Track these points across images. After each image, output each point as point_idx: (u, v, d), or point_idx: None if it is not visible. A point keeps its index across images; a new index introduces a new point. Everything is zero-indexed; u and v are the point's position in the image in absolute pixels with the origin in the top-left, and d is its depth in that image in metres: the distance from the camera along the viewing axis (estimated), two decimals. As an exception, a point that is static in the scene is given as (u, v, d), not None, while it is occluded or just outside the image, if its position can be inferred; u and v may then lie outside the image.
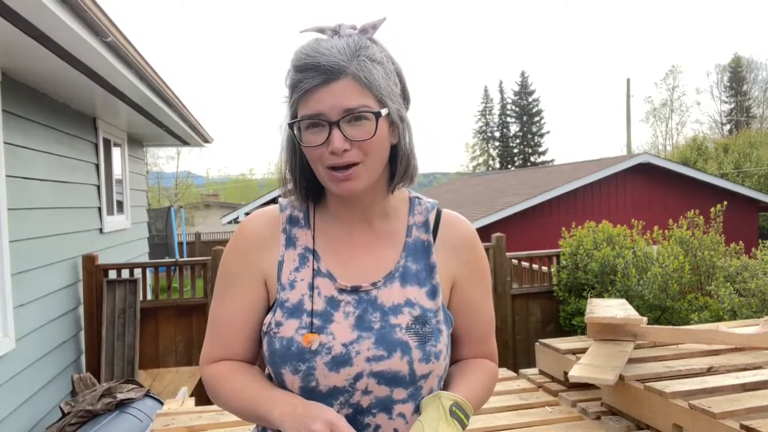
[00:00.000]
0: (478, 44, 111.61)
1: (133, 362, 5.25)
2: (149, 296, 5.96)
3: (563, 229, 6.97)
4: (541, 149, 48.84)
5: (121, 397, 3.95)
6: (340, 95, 0.98)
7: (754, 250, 5.77)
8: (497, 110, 51.42)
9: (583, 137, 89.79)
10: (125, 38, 3.87)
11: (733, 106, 43.05)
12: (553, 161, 46.66)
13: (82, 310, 5.30)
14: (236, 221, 15.87)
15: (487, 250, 5.92)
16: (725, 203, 6.41)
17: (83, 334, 5.28)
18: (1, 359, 3.64)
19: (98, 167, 5.98)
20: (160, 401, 4.11)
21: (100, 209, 5.98)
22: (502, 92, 51.21)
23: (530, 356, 5.58)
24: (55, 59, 3.60)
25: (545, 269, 6.59)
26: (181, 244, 17.71)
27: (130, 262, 6.60)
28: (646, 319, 3.29)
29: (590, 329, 3.30)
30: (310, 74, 0.99)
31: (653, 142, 44.34)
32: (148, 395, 4.13)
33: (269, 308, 1.10)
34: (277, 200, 1.19)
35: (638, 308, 5.38)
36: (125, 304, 5.34)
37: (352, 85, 0.99)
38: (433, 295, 1.09)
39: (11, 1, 2.65)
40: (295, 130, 1.04)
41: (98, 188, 5.98)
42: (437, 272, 1.11)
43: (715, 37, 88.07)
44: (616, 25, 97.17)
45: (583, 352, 3.14)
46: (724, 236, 6.07)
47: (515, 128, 49.96)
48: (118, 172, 6.91)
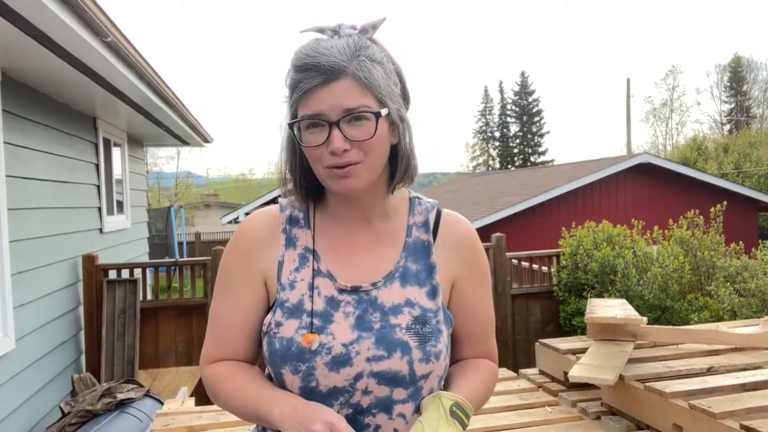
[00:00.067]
0: (478, 44, 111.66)
1: (133, 362, 5.25)
2: (149, 296, 5.96)
3: (563, 229, 6.97)
4: (541, 149, 48.84)
5: (121, 397, 3.95)
6: (340, 95, 0.98)
7: (754, 250, 5.77)
8: (497, 110, 51.47)
9: (583, 137, 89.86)
10: (125, 38, 3.87)
11: (733, 106, 43.04)
12: (553, 161, 46.66)
13: (82, 310, 5.30)
14: (236, 221, 15.87)
15: (487, 250, 5.92)
16: (725, 203, 6.41)
17: (83, 334, 5.29)
18: (1, 359, 3.64)
19: (98, 167, 5.99)
20: (160, 401, 4.11)
21: (100, 209, 5.99)
22: (502, 92, 51.25)
23: (530, 356, 5.58)
24: (55, 59, 3.60)
25: (545, 269, 6.59)
26: (181, 244, 17.70)
27: (130, 262, 6.60)
28: (646, 319, 3.29)
29: (590, 329, 3.30)
30: (310, 74, 0.98)
31: (653, 142, 44.38)
32: (148, 395, 4.13)
33: (269, 308, 1.10)
34: (277, 200, 1.19)
35: (638, 308, 5.38)
36: (125, 304, 5.34)
37: (352, 85, 0.98)
38: (433, 295, 1.09)
39: (11, 0, 2.65)
40: (295, 130, 1.04)
41: (98, 188, 5.98)
42: (437, 272, 1.11)
43: (715, 37, 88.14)
44: (616, 25, 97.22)
45: (583, 352, 3.14)
46: (724, 236, 6.06)
47: (515, 128, 49.97)
48: (118, 172, 6.91)
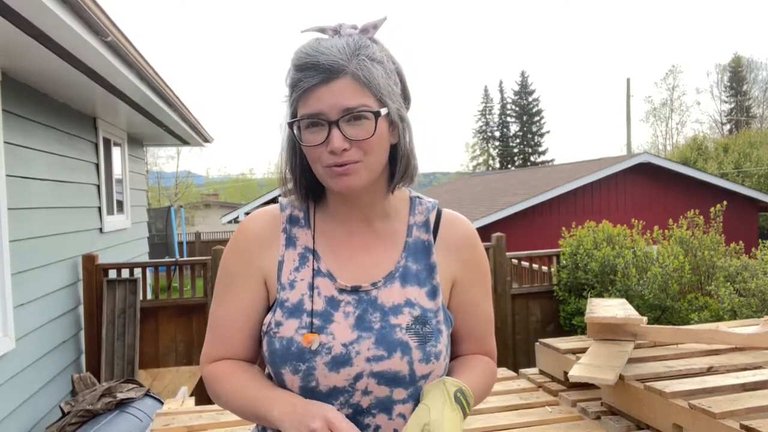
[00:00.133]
0: (478, 44, 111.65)
1: (133, 362, 5.25)
2: (149, 296, 5.95)
3: (563, 228, 6.97)
4: (541, 149, 48.83)
5: (121, 396, 3.95)
6: (339, 94, 0.98)
7: (754, 250, 5.77)
8: (497, 110, 51.45)
9: (583, 137, 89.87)
10: (125, 38, 3.87)
11: (733, 105, 43.04)
12: (553, 161, 46.65)
13: (82, 309, 5.30)
14: (236, 221, 15.87)
15: (487, 249, 5.92)
16: (725, 203, 6.41)
17: (83, 333, 5.29)
18: (1, 359, 3.64)
19: (98, 167, 5.99)
20: (160, 401, 4.11)
21: (100, 209, 5.99)
22: (502, 92, 51.22)
23: (530, 356, 5.57)
24: (55, 59, 3.60)
25: (545, 269, 6.59)
26: (181, 243, 17.70)
27: (130, 261, 6.60)
28: (646, 318, 3.28)
29: (590, 329, 3.30)
30: (309, 73, 0.98)
31: (653, 141, 44.38)
32: (148, 395, 4.13)
33: (269, 308, 1.10)
34: (277, 200, 1.19)
35: (638, 308, 5.38)
36: (125, 303, 5.34)
37: (351, 84, 0.98)
38: (433, 295, 1.09)
39: (11, 0, 2.65)
40: (294, 129, 1.04)
41: (98, 188, 5.98)
42: (437, 272, 1.11)
43: (715, 37, 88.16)
44: (616, 25, 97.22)
45: (583, 352, 3.14)
46: (724, 236, 6.06)
47: (515, 128, 49.96)
48: (118, 171, 6.92)
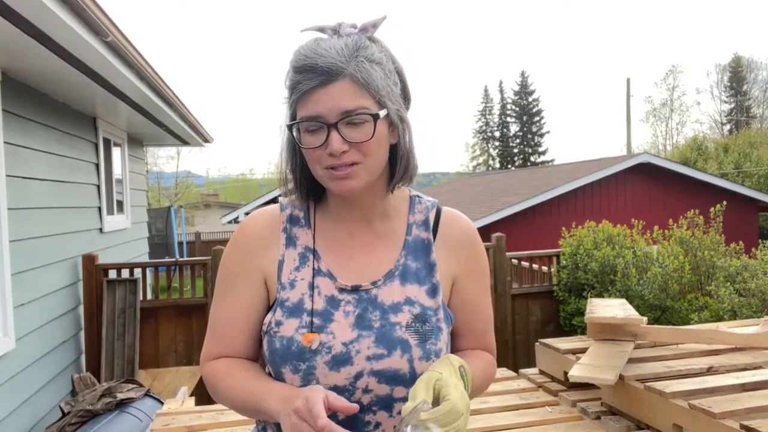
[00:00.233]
0: (478, 44, 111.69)
1: (133, 362, 5.25)
2: (149, 296, 5.96)
3: (563, 229, 6.97)
4: (541, 149, 48.83)
5: (121, 396, 3.95)
6: (337, 97, 0.98)
7: (754, 250, 5.77)
8: (497, 110, 51.46)
9: (583, 137, 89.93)
10: (125, 38, 3.87)
11: (733, 106, 43.04)
12: (553, 161, 46.65)
13: (82, 309, 5.30)
14: (236, 221, 15.87)
15: (487, 249, 5.91)
16: (725, 203, 6.41)
17: (83, 333, 5.29)
18: (1, 359, 3.64)
19: (98, 167, 5.99)
20: (160, 401, 4.11)
21: (100, 209, 5.99)
22: (502, 92, 51.24)
23: (530, 356, 5.57)
24: (55, 59, 3.60)
25: (545, 269, 6.59)
26: (181, 243, 17.70)
27: (130, 261, 6.60)
28: (646, 319, 3.28)
29: (590, 329, 3.30)
30: (308, 75, 0.98)
31: (653, 141, 44.39)
32: (148, 395, 4.13)
33: (269, 308, 1.10)
34: (277, 200, 1.19)
35: (638, 308, 5.38)
36: (125, 303, 5.34)
37: (350, 86, 0.98)
38: (433, 293, 1.09)
39: (11, 0, 2.65)
40: (294, 131, 1.04)
41: (98, 188, 5.98)
42: (437, 270, 1.11)
43: (715, 37, 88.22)
44: (616, 25, 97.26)
45: (583, 352, 3.14)
46: (724, 236, 6.06)
47: (515, 128, 49.96)
48: (118, 171, 6.92)
